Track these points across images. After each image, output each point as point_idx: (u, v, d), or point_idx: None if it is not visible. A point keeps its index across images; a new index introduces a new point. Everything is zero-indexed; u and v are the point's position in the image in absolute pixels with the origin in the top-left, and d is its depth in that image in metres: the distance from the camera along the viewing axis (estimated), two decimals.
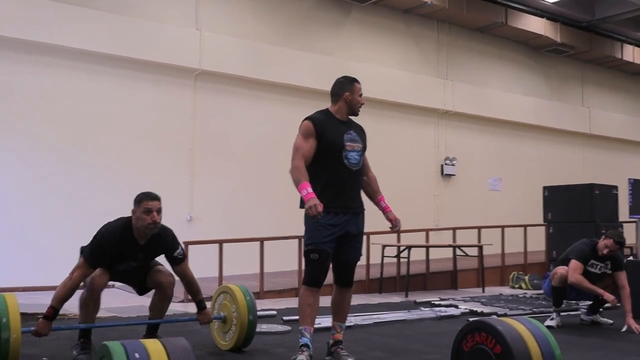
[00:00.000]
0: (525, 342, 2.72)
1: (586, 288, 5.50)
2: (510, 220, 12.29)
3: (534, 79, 15.46)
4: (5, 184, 8.85)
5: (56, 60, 9.27)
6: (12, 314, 3.58)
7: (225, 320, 4.49)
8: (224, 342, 4.52)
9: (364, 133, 4.23)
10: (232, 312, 4.44)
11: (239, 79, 10.86)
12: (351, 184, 4.07)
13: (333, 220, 3.94)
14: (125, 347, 2.20)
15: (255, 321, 4.41)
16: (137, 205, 4.02)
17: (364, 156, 4.17)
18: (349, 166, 4.02)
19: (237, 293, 4.43)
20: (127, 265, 4.17)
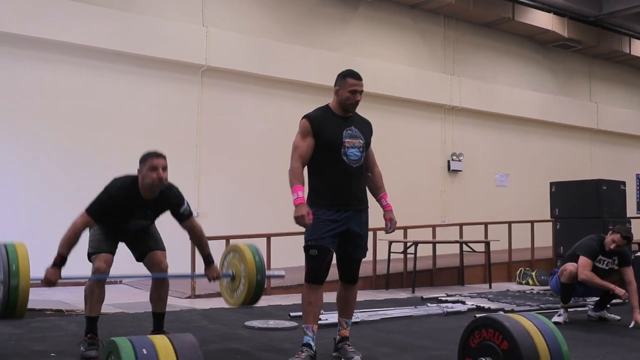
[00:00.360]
0: (533, 339, 2.71)
1: (597, 284, 5.48)
2: (517, 216, 12.26)
3: (541, 74, 15.40)
4: (8, 181, 8.88)
5: (61, 56, 9.29)
6: (22, 261, 3.62)
7: (233, 278, 4.48)
8: (232, 299, 4.53)
9: (369, 127, 4.15)
10: (241, 271, 4.43)
11: (245, 76, 10.86)
12: (352, 180, 3.98)
13: (333, 216, 3.90)
14: (132, 343, 2.21)
15: (263, 280, 4.38)
16: (142, 164, 4.03)
17: (367, 152, 4.08)
18: (349, 163, 3.95)
19: (246, 252, 4.40)
20: (136, 224, 4.16)
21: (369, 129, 4.14)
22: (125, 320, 5.61)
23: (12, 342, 4.42)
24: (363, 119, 4.16)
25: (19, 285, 3.57)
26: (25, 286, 3.61)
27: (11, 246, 3.71)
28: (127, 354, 2.16)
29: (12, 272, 3.58)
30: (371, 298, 7.63)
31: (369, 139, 4.11)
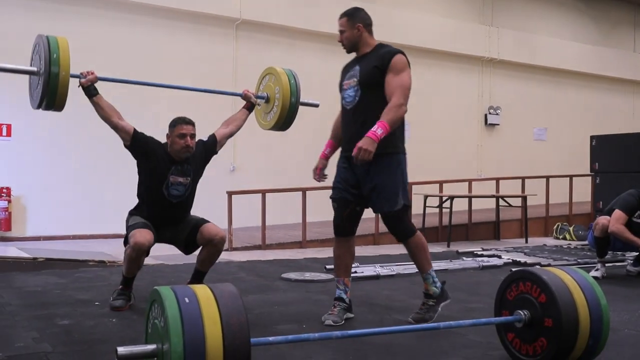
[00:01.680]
0: (571, 292, 2.70)
1: (626, 238, 5.38)
2: (555, 170, 12.09)
3: (583, 24, 14.92)
4: (61, 132, 9.07)
5: (95, 10, 9.34)
6: (63, 52, 3.69)
7: (268, 100, 4.49)
8: (265, 122, 4.58)
9: (381, 59, 3.61)
10: (275, 93, 4.41)
11: (280, 28, 10.77)
12: (348, 124, 3.72)
13: (345, 163, 3.73)
14: (175, 292, 2.26)
15: (297, 103, 4.36)
16: (171, 129, 4.12)
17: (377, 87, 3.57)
18: (345, 105, 3.75)
19: (282, 75, 4.37)
20: (177, 186, 4.09)
21: (380, 61, 3.61)
22: (165, 271, 5.75)
23: (58, 291, 4.57)
24: (379, 52, 3.68)
25: (59, 74, 3.65)
26: (65, 77, 3.68)
27: (53, 37, 3.75)
28: (170, 303, 2.21)
29: (53, 60, 3.65)
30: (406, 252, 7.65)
31: (371, 75, 3.60)
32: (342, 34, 3.80)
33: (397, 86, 3.52)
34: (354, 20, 3.79)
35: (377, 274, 5.46)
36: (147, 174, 4.15)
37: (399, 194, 3.60)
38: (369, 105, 3.59)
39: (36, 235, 8.86)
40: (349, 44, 3.79)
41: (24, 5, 8.91)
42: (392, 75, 3.56)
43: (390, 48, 3.72)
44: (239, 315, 2.24)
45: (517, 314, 2.80)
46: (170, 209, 4.15)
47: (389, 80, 3.55)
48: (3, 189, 8.66)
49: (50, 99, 3.74)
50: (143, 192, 4.19)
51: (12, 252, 6.79)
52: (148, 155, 4.12)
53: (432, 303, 3.69)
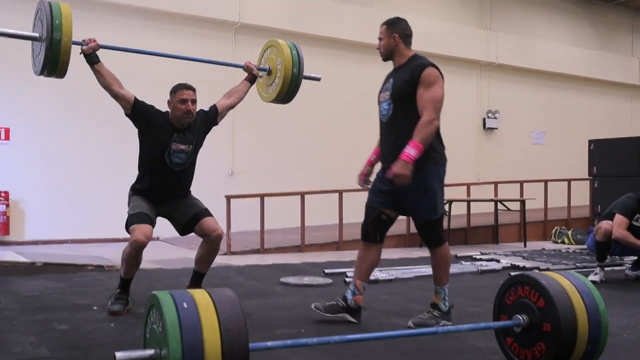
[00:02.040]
0: (569, 296, 2.70)
1: (630, 243, 5.40)
2: (553, 174, 12.10)
3: (581, 28, 14.96)
4: (59, 136, 9.07)
5: (96, 14, 9.34)
6: (65, 19, 3.68)
7: (270, 72, 4.48)
8: (267, 94, 4.56)
9: (410, 73, 3.63)
10: (277, 65, 4.40)
11: (279, 32, 10.75)
12: (384, 136, 3.83)
13: (383, 175, 3.78)
14: (173, 297, 2.26)
15: (299, 75, 4.35)
16: (172, 95, 4.18)
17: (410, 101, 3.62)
18: (381, 118, 3.83)
19: (284, 47, 4.38)
20: (179, 154, 4.11)
21: (410, 75, 3.63)
22: (163, 276, 5.74)
23: (56, 295, 4.57)
24: (410, 65, 3.70)
25: (61, 40, 3.64)
26: (67, 43, 3.68)
27: (55, 3, 3.74)
28: (168, 308, 2.21)
29: (55, 25, 3.63)
30: (405, 256, 7.66)
31: (402, 89, 3.65)
32: (380, 41, 3.86)
33: (428, 100, 3.57)
34: (392, 29, 3.82)
35: (376, 279, 5.45)
36: (149, 143, 4.17)
37: (437, 203, 3.71)
38: (401, 119, 3.66)
39: (34, 240, 8.85)
40: (385, 52, 3.85)
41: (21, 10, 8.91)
42: (423, 89, 3.60)
43: (422, 60, 3.73)
44: (237, 320, 2.23)
45: (515, 318, 2.80)
46: (171, 177, 4.16)
47: (420, 95, 3.60)
48: (1, 192, 8.65)
49: (52, 66, 3.74)
50: (145, 161, 4.20)
51: (10, 257, 6.77)
52: (149, 123, 4.15)
53: (437, 314, 3.73)
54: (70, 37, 3.70)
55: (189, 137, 4.17)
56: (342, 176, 10.73)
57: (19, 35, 3.87)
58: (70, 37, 3.69)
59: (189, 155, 4.18)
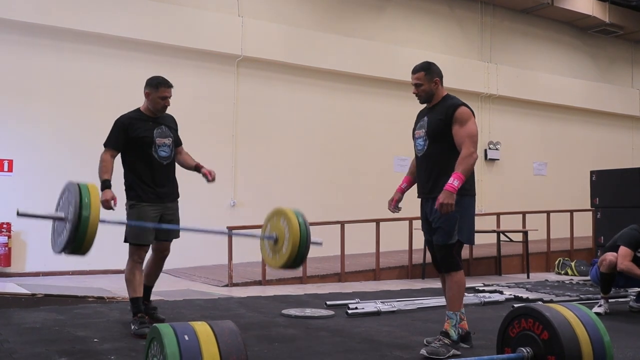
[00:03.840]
0: (574, 329, 2.68)
1: (637, 275, 5.38)
2: (556, 205, 12.08)
3: (581, 61, 15.09)
4: (54, 170, 9.10)
5: (99, 48, 9.46)
6: (94, 197, 3.76)
7: (276, 240, 4.56)
8: (274, 261, 4.58)
9: (443, 112, 3.93)
10: (285, 233, 4.49)
11: (281, 65, 10.89)
12: (420, 170, 4.11)
13: (421, 207, 4.12)
14: (174, 329, 2.25)
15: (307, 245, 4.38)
16: (154, 89, 4.60)
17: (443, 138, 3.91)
18: (416, 153, 4.12)
19: (291, 215, 4.45)
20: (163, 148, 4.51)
21: (443, 114, 3.94)
22: (164, 307, 5.69)
23: (57, 327, 4.53)
24: (444, 105, 4.00)
25: (89, 216, 3.69)
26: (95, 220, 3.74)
27: (82, 184, 3.82)
28: (169, 340, 2.20)
29: (84, 203, 3.69)
30: (407, 287, 7.62)
31: (437, 127, 3.94)
32: (418, 87, 4.06)
33: (465, 136, 3.85)
34: (431, 74, 4.06)
35: (378, 310, 5.42)
36: (135, 145, 4.46)
37: (454, 229, 3.89)
38: (436, 155, 3.96)
39: (35, 271, 8.82)
40: (426, 96, 4.07)
41: (24, 43, 9.02)
42: (458, 126, 3.89)
43: (454, 101, 4.02)
44: (238, 353, 2.22)
45: (519, 351, 2.78)
46: (162, 172, 4.52)
47: (456, 131, 3.89)
48: (3, 224, 8.65)
49: (77, 245, 3.77)
50: (135, 166, 4.47)
51: (11, 288, 6.75)
52: (128, 132, 4.49)
53: (448, 342, 3.78)
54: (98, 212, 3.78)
55: (166, 131, 4.59)
56: (344, 207, 10.76)
57: (45, 216, 4.02)
58: (98, 211, 3.77)
59: (171, 148, 4.57)
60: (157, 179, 4.49)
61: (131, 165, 4.50)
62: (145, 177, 4.46)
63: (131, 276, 4.39)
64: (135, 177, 4.48)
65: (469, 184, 3.93)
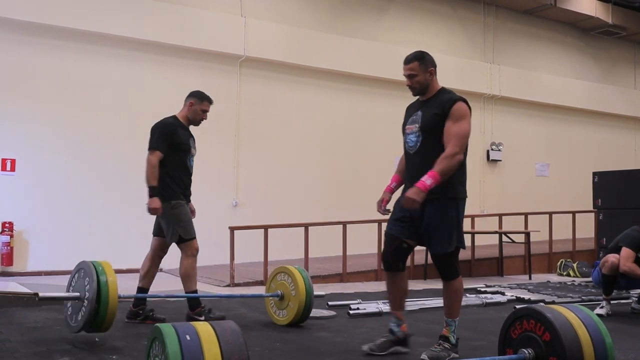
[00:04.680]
0: (575, 330, 2.67)
1: (638, 276, 5.38)
2: (558, 206, 12.07)
3: (584, 62, 15.07)
4: (64, 168, 9.11)
5: (102, 48, 9.46)
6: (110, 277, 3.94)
7: (282, 297, 4.74)
8: (281, 318, 4.74)
9: (440, 107, 3.70)
10: (291, 291, 4.70)
11: (283, 66, 10.88)
12: (410, 168, 3.84)
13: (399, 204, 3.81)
14: (176, 329, 2.25)
15: (312, 301, 4.69)
16: (199, 101, 4.95)
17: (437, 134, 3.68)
18: (407, 150, 3.86)
19: (295, 273, 4.76)
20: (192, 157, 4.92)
21: (440, 109, 3.70)
22: (165, 307, 5.71)
23: (59, 327, 4.54)
24: (440, 99, 3.76)
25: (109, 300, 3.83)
26: (114, 300, 3.88)
27: (98, 264, 4.02)
28: (171, 340, 2.20)
29: (103, 287, 3.85)
30: (409, 288, 7.60)
31: (431, 122, 3.70)
32: (412, 77, 3.81)
33: (454, 134, 3.62)
34: (426, 64, 3.82)
35: (380, 311, 5.42)
36: (176, 151, 4.79)
37: (453, 236, 3.70)
38: (430, 151, 3.68)
39: (37, 270, 8.82)
40: (421, 87, 3.83)
41: (26, 42, 9.03)
42: (450, 122, 3.66)
43: (452, 95, 3.78)
44: (240, 353, 2.22)
45: (521, 352, 2.78)
46: (189, 178, 4.92)
47: (447, 128, 3.66)
48: (5, 223, 8.66)
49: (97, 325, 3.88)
50: (174, 169, 4.78)
51: (13, 287, 6.76)
52: (173, 138, 4.80)
53: (448, 347, 3.72)
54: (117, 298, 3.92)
55: (195, 142, 4.97)
56: (346, 208, 10.75)
57: (64, 298, 4.08)
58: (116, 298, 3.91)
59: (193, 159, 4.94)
60: (187, 183, 4.90)
61: (169, 168, 4.75)
62: (181, 179, 4.81)
63: (193, 271, 4.77)
64: (174, 178, 4.78)
65: (464, 186, 3.80)
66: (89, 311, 3.79)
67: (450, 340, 3.74)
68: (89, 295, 3.81)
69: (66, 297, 4.05)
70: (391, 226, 3.83)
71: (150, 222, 5.11)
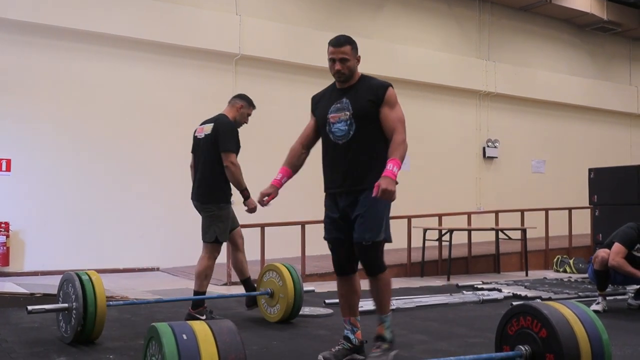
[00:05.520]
0: (572, 326, 2.68)
1: (627, 272, 5.37)
2: (554, 203, 12.09)
3: (579, 58, 15.10)
4: (60, 168, 9.10)
5: (98, 47, 9.45)
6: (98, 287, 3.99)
7: (272, 295, 4.79)
8: (272, 315, 4.78)
9: (374, 92, 3.51)
10: (279, 287, 4.74)
11: (279, 64, 10.88)
12: (339, 159, 3.57)
13: (330, 203, 3.68)
14: (173, 329, 2.25)
15: (301, 295, 4.73)
16: (247, 105, 5.23)
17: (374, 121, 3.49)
18: (334, 140, 3.56)
19: (283, 270, 4.79)
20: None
21: (374, 95, 3.51)
22: (163, 307, 5.70)
23: (55, 327, 4.52)
24: (370, 85, 3.57)
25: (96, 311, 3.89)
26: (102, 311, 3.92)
27: (83, 273, 4.03)
28: (167, 339, 2.20)
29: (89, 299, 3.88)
30: (406, 285, 7.62)
31: (367, 108, 3.49)
32: (344, 62, 3.53)
33: (397, 120, 3.47)
34: (356, 50, 3.58)
35: None
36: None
37: (382, 225, 3.50)
38: (366, 140, 3.49)
39: (34, 270, 8.80)
40: (350, 73, 3.56)
41: (22, 42, 9.00)
42: (388, 108, 3.49)
43: (379, 81, 3.62)
44: (237, 351, 2.22)
45: (518, 349, 2.78)
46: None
47: (386, 114, 3.48)
48: (1, 223, 8.63)
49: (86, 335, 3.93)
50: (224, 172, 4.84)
51: (10, 288, 6.74)
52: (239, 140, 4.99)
53: (387, 346, 3.53)
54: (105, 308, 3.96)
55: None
56: None
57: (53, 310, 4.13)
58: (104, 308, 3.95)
59: None
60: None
61: (222, 170, 4.84)
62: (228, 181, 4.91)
63: (210, 272, 4.81)
64: (227, 181, 4.89)
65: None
66: (76, 325, 3.84)
67: (387, 338, 3.55)
68: (76, 307, 3.86)
69: (55, 309, 4.10)
70: (332, 231, 3.65)
71: (145, 222, 5.13)
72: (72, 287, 3.93)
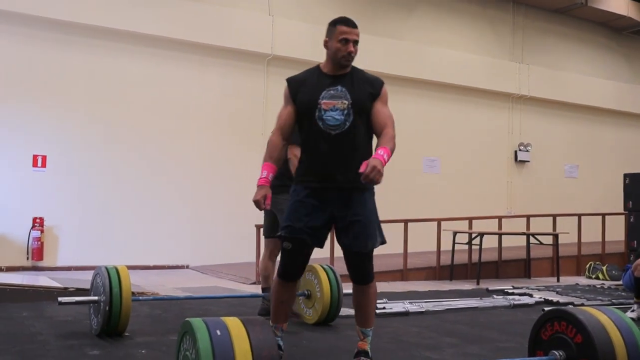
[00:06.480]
0: (608, 332, 2.63)
1: None
2: (587, 208, 11.90)
3: (614, 62, 14.84)
4: (93, 165, 9.25)
5: (131, 46, 9.58)
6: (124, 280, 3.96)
7: (309, 296, 4.78)
8: (309, 317, 4.77)
9: (372, 85, 3.36)
10: (316, 289, 4.71)
11: (310, 64, 10.81)
12: (330, 151, 3.21)
13: (310, 198, 3.24)
14: (207, 324, 2.27)
15: (339, 298, 4.67)
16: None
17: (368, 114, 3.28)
18: (325, 129, 3.21)
19: (320, 271, 4.75)
20: None
21: (372, 88, 3.35)
22: (193, 304, 5.76)
23: (88, 321, 4.59)
24: (367, 77, 3.40)
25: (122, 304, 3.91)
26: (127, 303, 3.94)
27: (112, 267, 4.05)
28: (201, 335, 2.22)
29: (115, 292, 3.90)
30: (435, 288, 7.57)
31: (366, 100, 3.29)
32: (355, 44, 3.39)
33: (389, 117, 3.29)
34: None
35: (407, 310, 5.40)
36: None
37: (377, 230, 3.33)
38: (360, 134, 3.26)
39: (67, 265, 8.96)
40: (352, 59, 3.41)
41: (58, 41, 9.17)
42: (382, 104, 3.33)
43: (372, 75, 3.49)
44: (270, 348, 2.23)
45: (552, 354, 2.75)
46: None
47: (378, 109, 3.29)
48: (36, 219, 8.80)
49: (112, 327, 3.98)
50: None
51: (44, 282, 6.86)
52: None
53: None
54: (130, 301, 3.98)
55: None
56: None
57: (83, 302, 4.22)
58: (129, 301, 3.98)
59: None
60: None
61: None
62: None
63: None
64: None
65: None
66: (103, 317, 3.90)
67: (369, 353, 3.33)
68: (103, 299, 3.92)
69: (85, 301, 4.18)
70: (299, 232, 3.22)
71: (175, 220, 5.16)
72: (101, 279, 3.99)
